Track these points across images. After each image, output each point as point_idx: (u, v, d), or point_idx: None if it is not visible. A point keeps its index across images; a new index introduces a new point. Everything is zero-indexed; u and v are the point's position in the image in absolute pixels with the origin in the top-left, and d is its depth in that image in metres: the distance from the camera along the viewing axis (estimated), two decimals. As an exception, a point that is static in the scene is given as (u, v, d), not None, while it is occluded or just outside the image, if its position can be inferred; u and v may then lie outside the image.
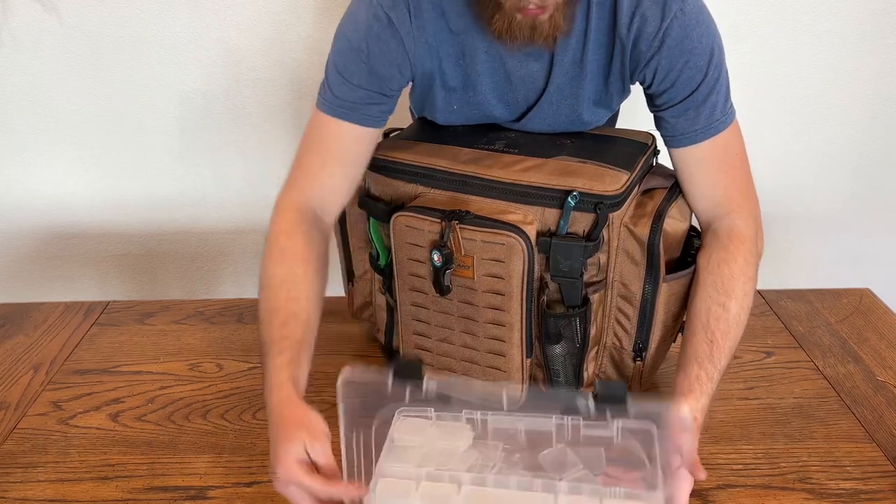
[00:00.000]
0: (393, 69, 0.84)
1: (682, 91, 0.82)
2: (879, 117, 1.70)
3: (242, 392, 0.98)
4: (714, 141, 0.85)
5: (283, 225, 0.85)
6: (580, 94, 0.87)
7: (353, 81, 0.85)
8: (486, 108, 0.90)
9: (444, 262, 0.82)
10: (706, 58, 0.81)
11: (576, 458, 0.81)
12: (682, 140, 0.85)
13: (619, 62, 0.84)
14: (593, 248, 0.81)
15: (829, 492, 0.81)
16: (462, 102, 0.90)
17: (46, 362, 1.05)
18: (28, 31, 1.55)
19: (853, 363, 1.02)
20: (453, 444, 0.83)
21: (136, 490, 0.82)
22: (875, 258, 1.86)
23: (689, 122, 0.84)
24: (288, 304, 0.79)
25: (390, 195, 0.90)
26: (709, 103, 0.83)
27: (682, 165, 0.87)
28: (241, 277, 1.87)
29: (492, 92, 0.88)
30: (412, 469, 0.79)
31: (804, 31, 1.60)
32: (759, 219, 0.88)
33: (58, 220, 1.79)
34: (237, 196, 1.76)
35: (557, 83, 0.86)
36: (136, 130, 1.67)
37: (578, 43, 0.83)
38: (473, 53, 0.85)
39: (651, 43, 0.80)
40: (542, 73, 0.86)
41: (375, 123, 0.88)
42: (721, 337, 0.79)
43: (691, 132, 0.84)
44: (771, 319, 1.13)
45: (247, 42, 1.59)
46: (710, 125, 0.84)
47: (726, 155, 0.86)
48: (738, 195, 0.86)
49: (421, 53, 0.85)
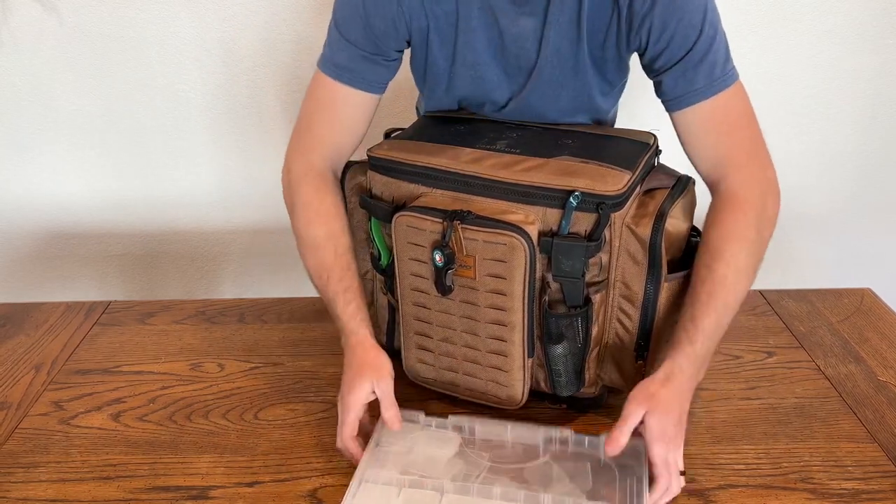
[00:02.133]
0: (388, 24, 0.87)
1: (678, 50, 0.83)
2: (879, 117, 1.70)
3: (244, 392, 0.98)
4: (715, 101, 0.84)
5: (309, 188, 0.92)
6: (580, 58, 0.88)
7: (350, 38, 0.88)
8: (483, 71, 0.91)
9: (445, 263, 0.82)
10: (700, 15, 0.81)
11: (562, 473, 0.81)
12: (682, 101, 0.85)
13: (615, 25, 0.85)
14: (595, 248, 0.81)
15: (831, 492, 0.81)
16: (459, 65, 0.91)
17: (48, 362, 1.05)
18: (28, 31, 1.55)
19: (854, 363, 1.02)
20: (439, 452, 0.83)
21: (138, 490, 0.82)
22: (876, 258, 1.86)
23: (689, 83, 0.84)
24: (338, 260, 0.89)
25: (392, 195, 0.90)
26: (707, 62, 0.83)
27: (683, 128, 0.87)
28: (241, 277, 1.87)
29: (487, 51, 0.89)
30: (395, 475, 0.79)
31: (804, 31, 1.60)
32: (771, 181, 0.87)
33: (58, 220, 1.78)
34: (237, 196, 1.76)
35: (555, 45, 0.87)
36: (136, 130, 1.67)
37: (574, 2, 0.84)
38: (468, 10, 0.87)
39: (644, 1, 0.81)
40: (537, 32, 0.87)
41: (372, 89, 0.92)
42: (706, 297, 0.80)
43: (691, 92, 0.84)
44: (772, 319, 1.13)
45: (247, 42, 1.59)
46: (711, 84, 0.84)
47: (727, 115, 0.86)
48: (742, 156, 0.86)
49: (415, 6, 0.87)
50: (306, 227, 0.91)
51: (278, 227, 1.77)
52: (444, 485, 0.78)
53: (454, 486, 0.78)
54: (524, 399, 0.88)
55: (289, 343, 1.08)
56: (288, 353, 1.06)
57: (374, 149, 0.91)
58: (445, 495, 0.77)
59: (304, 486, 0.82)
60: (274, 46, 1.59)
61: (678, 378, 0.78)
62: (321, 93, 0.93)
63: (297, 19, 1.57)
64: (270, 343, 1.08)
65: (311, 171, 0.92)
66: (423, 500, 0.77)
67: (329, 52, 0.91)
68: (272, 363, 1.04)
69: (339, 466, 0.85)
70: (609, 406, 0.94)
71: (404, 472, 0.80)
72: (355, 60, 0.90)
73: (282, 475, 0.84)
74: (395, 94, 1.62)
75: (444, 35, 0.89)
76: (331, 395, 0.96)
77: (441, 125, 0.97)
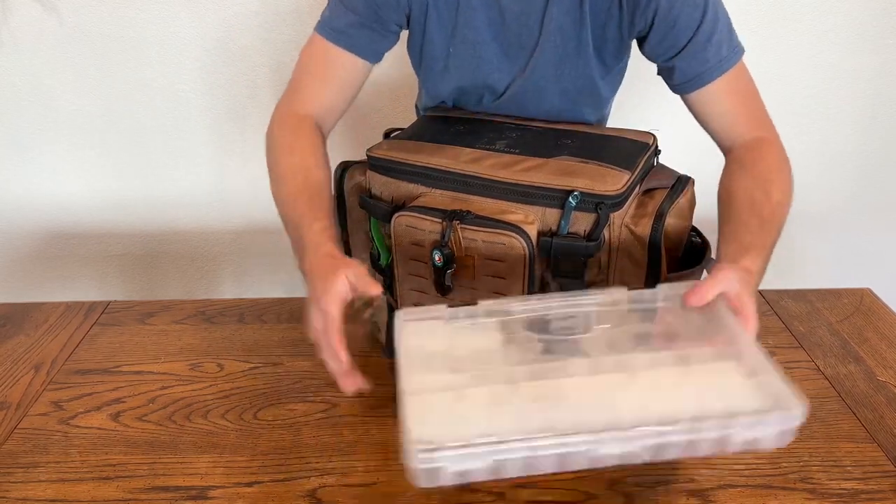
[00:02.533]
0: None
1: (684, 31, 0.86)
2: (879, 117, 1.70)
3: (243, 392, 0.98)
4: (727, 77, 0.88)
5: (286, 126, 0.91)
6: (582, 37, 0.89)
7: (351, 6, 0.89)
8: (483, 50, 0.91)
9: (445, 262, 0.82)
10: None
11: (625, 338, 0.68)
12: (697, 82, 0.88)
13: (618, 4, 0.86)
14: (594, 248, 0.81)
15: (830, 492, 0.81)
16: (459, 43, 0.92)
17: (47, 362, 1.05)
18: (28, 31, 1.55)
19: (854, 363, 1.02)
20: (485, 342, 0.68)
21: (137, 490, 0.82)
22: (876, 258, 1.86)
23: (700, 63, 0.87)
24: (308, 186, 0.84)
25: (391, 195, 0.90)
26: (714, 41, 0.87)
27: (700, 107, 0.91)
28: (241, 277, 1.87)
29: (487, 30, 0.90)
30: (447, 377, 0.63)
31: (804, 31, 1.60)
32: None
33: (58, 220, 1.79)
34: (237, 196, 1.76)
35: (558, 23, 0.88)
36: (136, 130, 1.68)
37: None
38: None
39: None
40: (539, 9, 0.88)
41: (367, 55, 0.92)
42: (769, 216, 0.79)
43: (704, 72, 0.88)
44: (771, 319, 1.13)
45: (247, 42, 1.59)
46: (721, 62, 0.88)
47: (739, 86, 0.90)
48: (760, 121, 0.91)
49: None
50: (274, 159, 0.89)
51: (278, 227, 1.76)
52: (512, 372, 0.63)
53: (524, 370, 0.63)
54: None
55: (288, 343, 1.08)
56: (287, 353, 1.06)
57: (373, 149, 0.91)
58: (520, 384, 0.62)
59: (303, 486, 0.82)
60: (274, 46, 1.59)
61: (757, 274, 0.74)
62: (315, 53, 0.93)
63: (297, 19, 1.57)
64: (270, 343, 1.08)
65: (292, 117, 0.92)
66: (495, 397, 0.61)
67: (328, 16, 0.92)
68: (272, 363, 1.04)
69: (338, 466, 0.85)
70: (608, 406, 0.94)
71: (455, 372, 0.64)
72: (354, 27, 0.90)
73: (281, 475, 0.84)
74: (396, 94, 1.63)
75: (444, 12, 0.90)
76: (331, 395, 0.96)
77: (441, 125, 0.97)
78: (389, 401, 0.96)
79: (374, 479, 0.83)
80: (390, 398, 0.96)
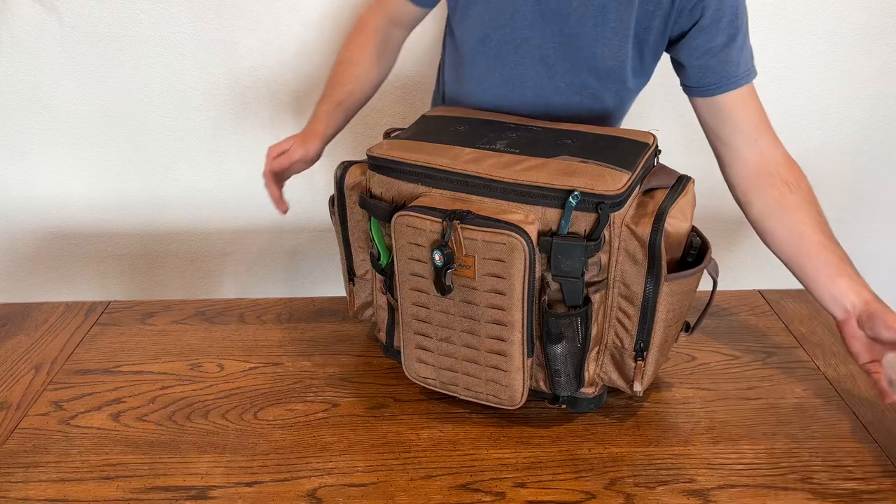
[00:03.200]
0: None
1: (725, 30, 0.93)
2: (879, 117, 1.70)
3: (244, 392, 0.98)
4: (751, 86, 0.97)
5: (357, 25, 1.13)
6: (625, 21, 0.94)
7: None
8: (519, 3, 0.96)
9: (445, 262, 0.82)
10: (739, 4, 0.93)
11: None
12: (729, 84, 0.95)
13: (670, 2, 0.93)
14: (594, 248, 0.81)
15: (831, 492, 0.81)
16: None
17: (47, 362, 1.05)
18: (28, 31, 1.55)
19: (854, 363, 1.02)
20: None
21: (138, 490, 0.82)
22: (875, 258, 1.86)
23: (734, 66, 0.95)
24: (338, 73, 1.10)
25: (391, 195, 0.90)
26: (746, 48, 0.95)
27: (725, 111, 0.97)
28: (241, 277, 1.87)
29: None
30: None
31: (804, 31, 1.60)
32: None
33: (58, 220, 1.79)
34: (237, 196, 1.76)
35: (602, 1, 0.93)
36: (136, 130, 1.68)
37: None
38: None
39: None
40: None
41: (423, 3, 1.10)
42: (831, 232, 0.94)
43: (735, 76, 0.95)
44: (772, 320, 1.13)
45: (247, 42, 1.59)
46: (748, 71, 0.96)
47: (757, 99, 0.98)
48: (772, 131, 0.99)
49: None
50: (341, 49, 1.12)
51: (278, 227, 1.77)
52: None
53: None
54: (524, 399, 0.88)
55: (288, 343, 1.08)
56: (288, 353, 1.06)
57: (373, 148, 0.91)
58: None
59: (303, 486, 0.82)
60: (274, 46, 1.59)
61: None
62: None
63: (298, 19, 1.57)
64: (270, 343, 1.08)
65: (368, 27, 1.12)
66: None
67: None
68: (272, 363, 1.04)
69: (338, 466, 0.85)
70: (609, 406, 0.94)
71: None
72: None
73: (281, 475, 0.84)
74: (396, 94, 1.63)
75: None
76: (330, 396, 0.96)
77: (441, 125, 0.97)
78: (389, 401, 0.96)
79: (374, 479, 0.83)
80: (390, 398, 0.97)
